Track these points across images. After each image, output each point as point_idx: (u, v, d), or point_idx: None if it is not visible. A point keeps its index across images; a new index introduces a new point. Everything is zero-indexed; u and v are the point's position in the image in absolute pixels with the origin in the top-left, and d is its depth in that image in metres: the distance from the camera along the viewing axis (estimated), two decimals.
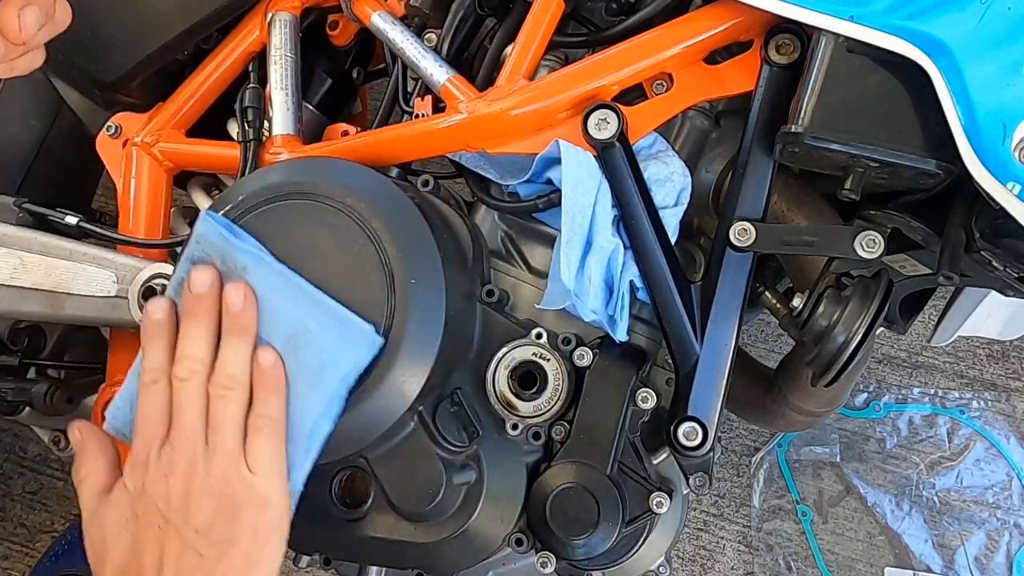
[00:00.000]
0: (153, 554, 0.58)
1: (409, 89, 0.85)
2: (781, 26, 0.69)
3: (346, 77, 1.03)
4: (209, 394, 0.61)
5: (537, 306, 0.77)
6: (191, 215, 0.97)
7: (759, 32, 0.71)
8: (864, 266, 0.74)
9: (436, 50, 0.81)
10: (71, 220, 0.85)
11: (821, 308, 0.73)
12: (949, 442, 1.35)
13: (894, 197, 0.74)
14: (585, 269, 0.71)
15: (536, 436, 0.74)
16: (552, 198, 0.74)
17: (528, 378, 0.75)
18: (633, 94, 0.74)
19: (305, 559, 0.81)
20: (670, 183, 0.74)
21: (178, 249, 0.63)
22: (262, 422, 0.61)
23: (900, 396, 1.38)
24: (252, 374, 0.61)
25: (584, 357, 0.73)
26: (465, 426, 0.73)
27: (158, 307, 0.63)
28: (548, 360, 0.74)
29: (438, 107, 0.80)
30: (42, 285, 0.82)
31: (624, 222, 0.72)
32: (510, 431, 0.73)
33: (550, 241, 0.80)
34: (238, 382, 0.61)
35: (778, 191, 0.77)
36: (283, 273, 0.64)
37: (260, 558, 0.59)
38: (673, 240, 0.73)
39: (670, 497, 0.75)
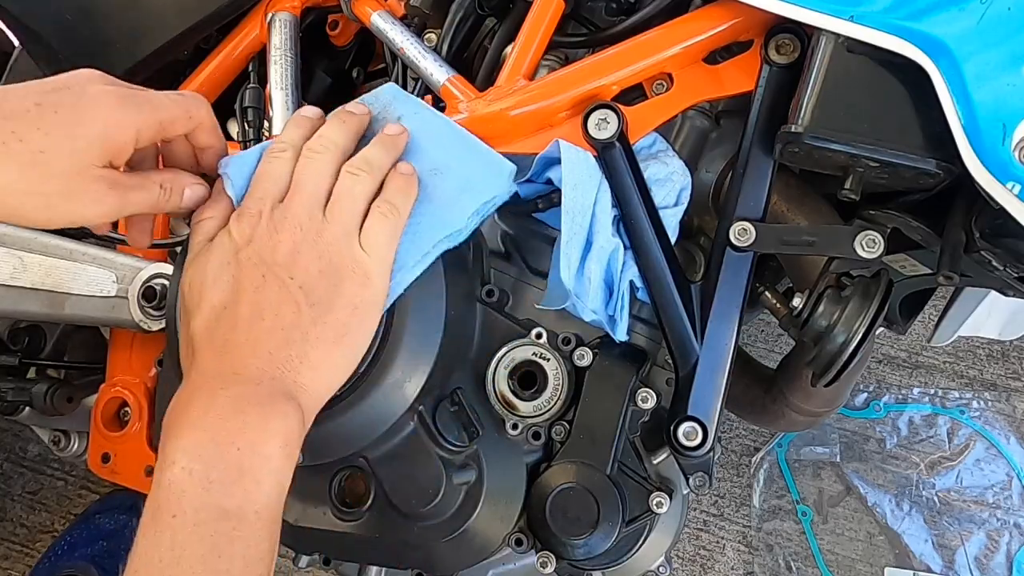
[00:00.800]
0: (253, 299, 0.57)
1: (409, 89, 0.85)
2: (781, 26, 0.69)
3: (346, 77, 1.03)
4: (340, 172, 0.61)
5: (537, 306, 0.77)
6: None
7: (759, 32, 0.71)
8: (864, 266, 0.74)
9: (436, 50, 0.81)
10: None
11: (821, 308, 0.73)
12: (949, 442, 1.35)
13: (894, 197, 0.74)
14: (585, 269, 0.71)
15: (536, 436, 0.74)
16: (552, 198, 0.74)
17: (528, 378, 0.75)
18: (633, 94, 0.74)
19: (305, 559, 0.81)
20: (670, 183, 0.74)
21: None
22: (385, 207, 0.62)
23: (900, 396, 1.38)
24: (388, 176, 0.63)
25: (584, 357, 0.73)
26: (465, 426, 0.73)
27: (312, 109, 0.66)
28: (548, 360, 0.74)
29: (438, 107, 0.80)
30: (42, 285, 0.82)
31: (624, 222, 0.72)
32: (510, 431, 0.73)
33: (550, 241, 0.80)
34: (373, 168, 0.62)
35: (778, 191, 0.77)
36: (436, 116, 0.68)
37: (353, 331, 0.59)
38: (673, 240, 0.73)
39: (670, 497, 0.75)
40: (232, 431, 0.52)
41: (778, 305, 0.77)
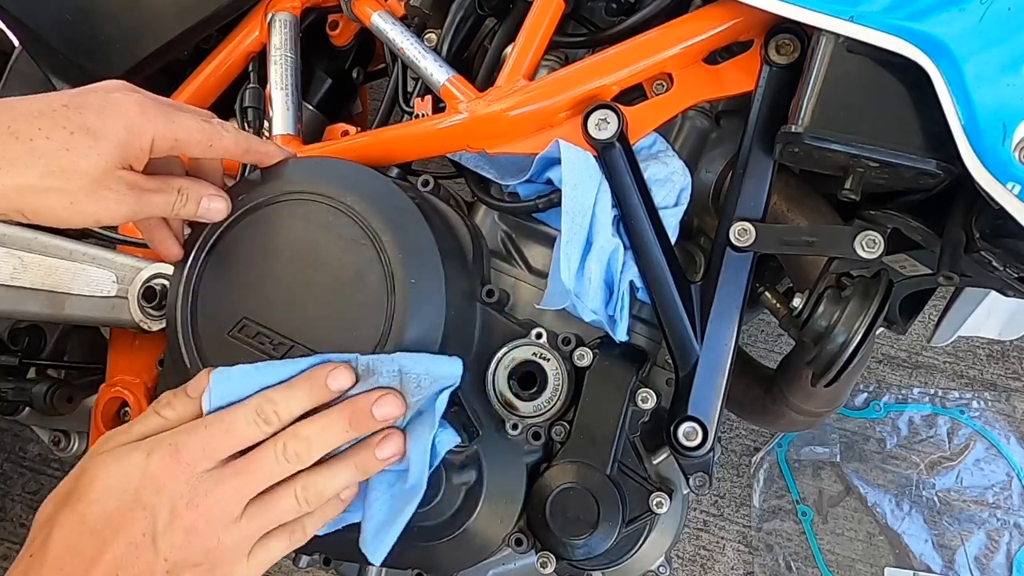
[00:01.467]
0: (120, 549, 0.54)
1: (409, 89, 0.85)
2: (781, 26, 0.69)
3: (346, 77, 1.03)
4: (291, 483, 0.58)
5: (537, 306, 0.77)
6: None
7: (759, 32, 0.71)
8: (864, 266, 0.74)
9: (436, 50, 0.81)
10: None
11: (821, 308, 0.73)
12: (949, 442, 1.35)
13: (894, 197, 0.74)
14: (585, 269, 0.71)
15: (536, 436, 0.74)
16: (552, 198, 0.74)
17: (528, 378, 0.75)
18: (633, 94, 0.74)
19: (305, 559, 0.81)
20: (670, 183, 0.74)
21: None
22: (298, 534, 0.59)
23: (900, 396, 1.38)
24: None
25: (584, 357, 0.73)
26: (465, 426, 0.73)
27: (343, 377, 0.60)
28: (548, 360, 0.74)
29: (438, 107, 0.80)
30: (42, 285, 0.82)
31: (624, 222, 0.72)
32: (510, 431, 0.73)
33: (550, 241, 0.80)
34: (320, 503, 0.59)
35: (778, 191, 0.77)
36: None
37: None
38: (673, 240, 0.73)
39: (670, 497, 0.75)
40: None
41: (778, 305, 0.77)
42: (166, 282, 0.82)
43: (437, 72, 0.78)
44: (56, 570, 0.53)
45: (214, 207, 0.66)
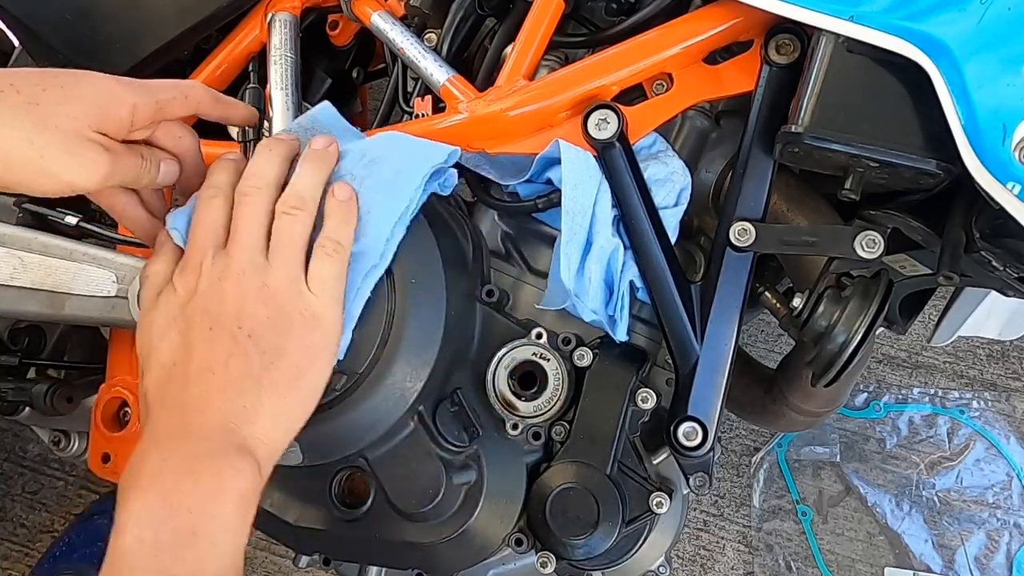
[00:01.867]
0: (201, 354, 0.56)
1: (409, 89, 0.85)
2: (781, 26, 0.69)
3: (346, 77, 1.03)
4: (275, 212, 0.60)
5: (537, 306, 0.77)
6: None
7: (759, 32, 0.71)
8: (864, 266, 0.74)
9: (436, 50, 0.81)
10: (71, 220, 0.86)
11: (821, 308, 0.73)
12: (949, 442, 1.35)
13: (894, 197, 0.74)
14: (585, 269, 0.71)
15: (536, 436, 0.74)
16: (552, 198, 0.74)
17: (528, 378, 0.75)
18: (633, 94, 0.74)
19: (305, 559, 0.81)
20: (670, 183, 0.74)
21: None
22: (329, 246, 0.60)
23: (900, 396, 1.38)
24: (325, 203, 0.62)
25: (584, 357, 0.73)
26: (465, 426, 0.73)
27: (235, 153, 0.65)
28: (548, 360, 0.74)
29: (438, 107, 0.80)
30: (42, 285, 0.82)
31: (624, 222, 0.72)
32: (510, 431, 0.73)
33: (550, 241, 0.80)
34: (307, 203, 0.61)
35: (778, 191, 0.77)
36: (371, 138, 0.67)
37: (306, 374, 0.58)
38: (673, 240, 0.73)
39: (670, 497, 0.75)
40: (184, 492, 0.51)
41: (778, 305, 0.77)
42: None
43: (437, 72, 0.78)
44: (164, 414, 0.56)
45: (170, 171, 0.65)
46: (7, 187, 0.57)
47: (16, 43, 0.95)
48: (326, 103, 0.71)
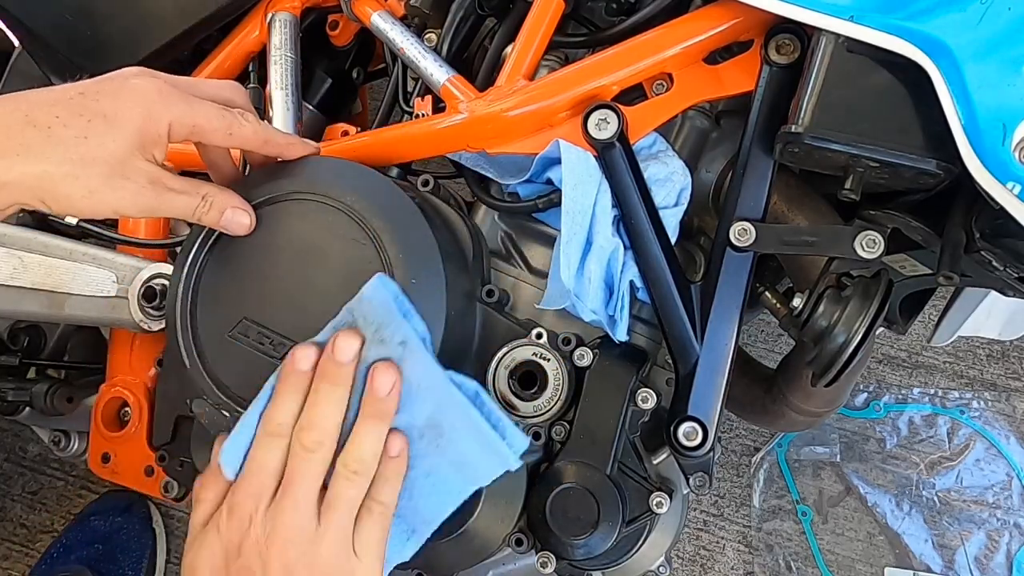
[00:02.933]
0: None
1: (409, 89, 0.85)
2: (781, 26, 0.69)
3: (346, 77, 1.03)
4: (335, 472, 0.59)
5: (537, 306, 0.77)
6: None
7: (759, 32, 0.71)
8: (864, 266, 0.74)
9: (436, 50, 0.81)
10: (71, 220, 0.86)
11: (821, 308, 0.73)
12: (949, 442, 1.35)
13: (894, 197, 0.74)
14: (585, 269, 0.71)
15: (536, 436, 0.74)
16: (552, 198, 0.74)
17: (528, 378, 0.75)
18: (633, 94, 0.74)
19: None
20: (670, 183, 0.74)
21: None
22: (376, 507, 0.59)
23: (900, 396, 1.38)
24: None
25: (584, 357, 0.73)
26: None
27: (305, 356, 0.60)
28: (548, 360, 0.74)
29: (438, 107, 0.80)
30: (42, 285, 0.82)
31: (624, 222, 0.72)
32: None
33: (550, 241, 0.80)
34: (368, 468, 0.59)
35: (778, 191, 0.77)
36: (436, 370, 0.61)
37: None
38: (673, 240, 0.73)
39: (670, 497, 0.75)
40: None
41: (778, 305, 0.77)
42: (166, 282, 0.82)
43: (437, 72, 0.78)
44: None
45: (237, 220, 0.65)
46: (55, 214, 0.58)
47: (16, 43, 0.95)
48: (377, 281, 0.60)
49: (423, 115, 0.80)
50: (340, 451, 0.59)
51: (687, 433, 0.71)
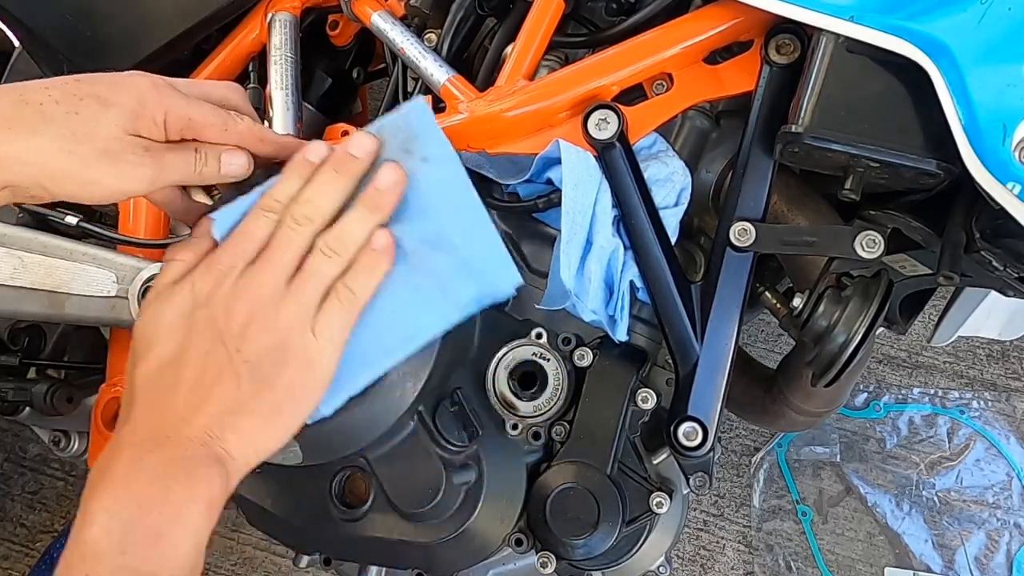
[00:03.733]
0: (197, 364, 0.57)
1: (409, 89, 0.85)
2: (781, 26, 0.69)
3: (346, 77, 1.03)
4: (314, 246, 0.60)
5: (537, 306, 0.77)
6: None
7: (759, 32, 0.71)
8: (864, 266, 0.74)
9: (436, 50, 0.81)
10: (71, 220, 0.85)
11: (821, 308, 0.73)
12: (949, 442, 1.35)
13: (894, 197, 0.74)
14: (585, 269, 0.71)
15: (536, 436, 0.74)
16: (552, 198, 0.74)
17: (528, 378, 0.75)
18: (633, 94, 0.74)
19: (305, 559, 0.81)
20: (670, 183, 0.74)
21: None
22: (344, 293, 0.60)
23: (900, 396, 1.38)
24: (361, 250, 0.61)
25: (584, 357, 0.73)
26: (465, 426, 0.73)
27: (318, 149, 0.63)
28: (548, 360, 0.74)
29: (438, 107, 0.80)
30: (42, 285, 0.82)
31: (624, 222, 0.72)
32: (510, 431, 0.73)
33: (550, 241, 0.80)
34: (346, 251, 0.60)
35: (778, 191, 0.77)
36: (463, 182, 0.62)
37: (287, 412, 0.59)
38: (673, 240, 0.73)
39: (670, 497, 0.75)
40: (155, 495, 0.52)
41: (778, 305, 0.77)
42: None
43: (437, 72, 0.78)
44: (147, 413, 0.56)
45: (236, 162, 0.64)
46: (57, 198, 0.58)
47: (16, 43, 0.95)
48: (421, 102, 0.64)
49: None
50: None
51: (687, 433, 0.71)
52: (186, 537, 0.53)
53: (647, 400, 0.74)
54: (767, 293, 0.78)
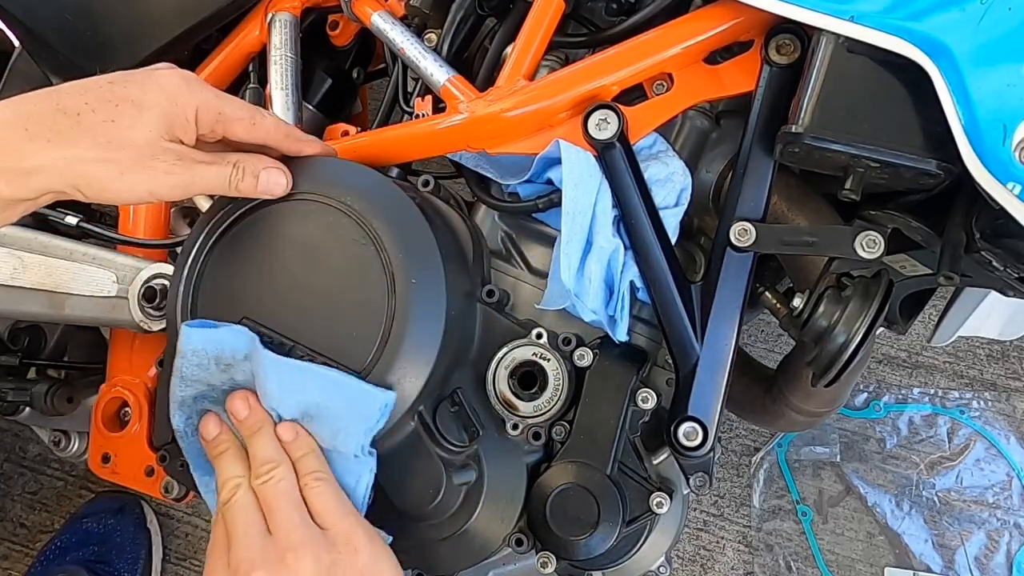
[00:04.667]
0: None
1: (409, 89, 0.85)
2: (781, 26, 0.69)
3: (346, 77, 1.03)
4: (256, 491, 0.62)
5: (537, 306, 0.77)
6: (191, 215, 0.97)
7: (759, 32, 0.71)
8: (864, 266, 0.74)
9: (436, 50, 0.81)
10: (71, 220, 0.86)
11: (821, 308, 0.73)
12: (949, 442, 1.35)
13: (894, 197, 0.74)
14: (585, 269, 0.71)
15: (536, 436, 0.74)
16: (552, 198, 0.74)
17: (528, 378, 0.75)
18: (633, 94, 0.74)
19: None
20: (670, 183, 0.74)
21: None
22: (310, 480, 0.62)
23: (900, 396, 1.38)
24: (289, 452, 0.64)
25: (584, 357, 0.73)
26: (465, 426, 0.73)
27: (210, 427, 0.66)
28: (548, 360, 0.74)
29: (438, 107, 0.80)
30: (42, 285, 0.82)
31: (624, 222, 0.72)
32: (510, 431, 0.73)
33: (550, 241, 0.80)
34: (277, 460, 0.63)
35: (778, 191, 0.77)
36: (278, 359, 0.64)
37: None
38: (673, 240, 0.73)
39: (670, 497, 0.75)
40: None
41: (778, 305, 0.77)
42: (166, 282, 0.82)
43: (437, 72, 0.78)
44: None
45: (275, 180, 0.65)
46: (92, 200, 0.59)
47: (16, 43, 0.95)
48: (184, 330, 0.65)
49: (423, 115, 0.80)
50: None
51: (687, 433, 0.71)
52: None
53: (647, 400, 0.74)
54: (767, 293, 0.78)
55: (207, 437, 0.66)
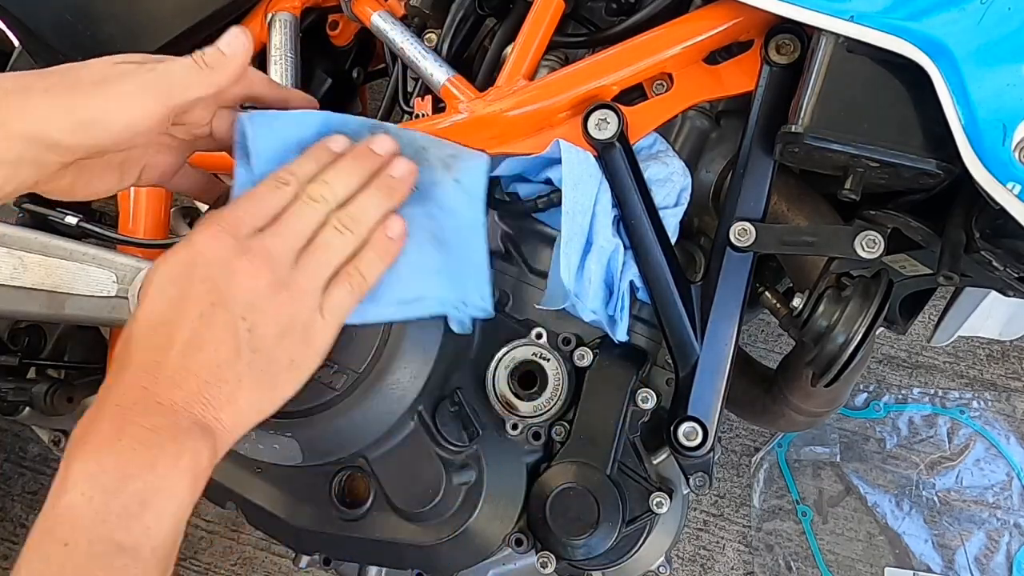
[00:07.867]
0: (193, 327, 0.53)
1: (409, 89, 0.85)
2: (781, 26, 0.69)
3: (346, 77, 1.03)
4: (327, 221, 0.59)
5: (537, 306, 0.77)
6: (191, 215, 0.97)
7: (759, 32, 0.71)
8: (864, 266, 0.74)
9: (436, 50, 0.81)
10: (71, 220, 0.86)
11: (821, 308, 0.73)
12: (949, 442, 1.35)
13: (894, 197, 0.74)
14: (585, 269, 0.71)
15: (536, 436, 0.74)
16: (552, 198, 0.74)
17: (528, 378, 0.75)
18: (633, 94, 0.74)
19: (305, 559, 0.81)
20: (670, 183, 0.74)
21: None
22: (356, 278, 0.59)
23: (900, 396, 1.38)
24: (374, 232, 0.61)
25: (584, 357, 0.73)
26: (465, 426, 0.73)
27: (338, 140, 0.63)
28: (548, 360, 0.74)
29: (438, 107, 0.80)
30: (42, 285, 0.82)
31: (624, 222, 0.72)
32: (510, 431, 0.73)
33: (550, 241, 0.80)
34: (359, 229, 0.60)
35: (778, 191, 0.77)
36: (478, 217, 0.67)
37: (283, 385, 0.57)
38: (673, 240, 0.73)
39: (670, 497, 0.75)
40: (141, 464, 0.49)
41: (778, 305, 0.77)
42: None
43: (437, 72, 0.78)
44: (136, 374, 0.52)
45: (235, 40, 0.62)
46: (79, 154, 0.57)
47: (16, 43, 0.95)
48: (486, 157, 0.69)
49: (423, 115, 0.80)
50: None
51: (687, 433, 0.71)
52: (170, 509, 0.50)
53: (647, 400, 0.74)
54: (767, 293, 0.78)
55: (334, 148, 0.62)
